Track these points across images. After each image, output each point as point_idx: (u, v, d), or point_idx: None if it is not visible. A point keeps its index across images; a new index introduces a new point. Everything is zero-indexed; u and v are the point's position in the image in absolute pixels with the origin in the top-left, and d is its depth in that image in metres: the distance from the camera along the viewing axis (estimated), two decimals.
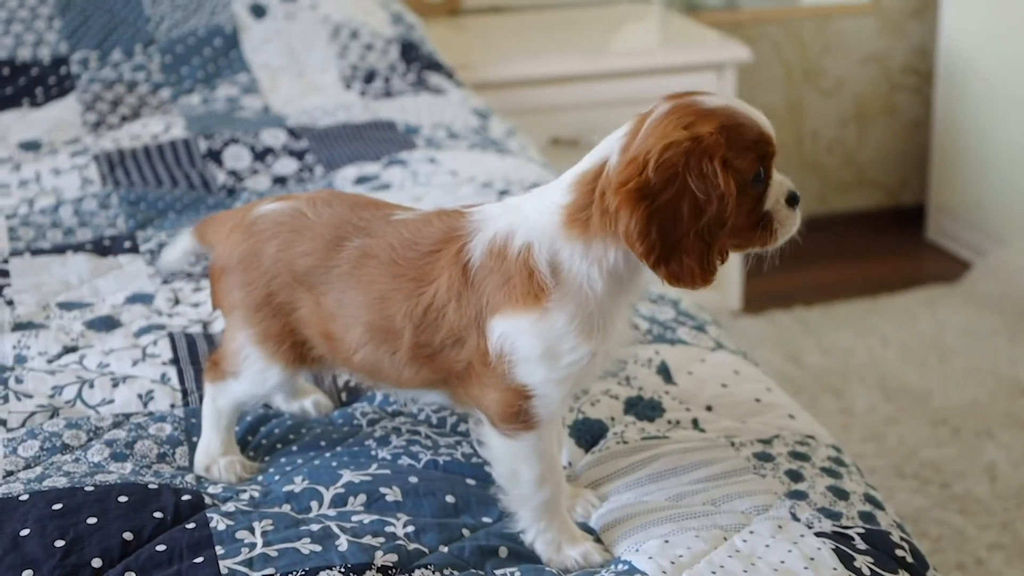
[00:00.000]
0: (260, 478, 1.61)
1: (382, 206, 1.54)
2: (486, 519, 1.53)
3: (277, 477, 1.60)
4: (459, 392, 1.48)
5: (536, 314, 1.39)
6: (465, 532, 1.50)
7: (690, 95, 1.41)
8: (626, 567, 1.44)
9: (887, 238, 4.39)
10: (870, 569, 1.44)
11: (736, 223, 1.39)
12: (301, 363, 1.56)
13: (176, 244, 1.70)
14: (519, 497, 1.47)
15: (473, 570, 1.43)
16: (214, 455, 1.61)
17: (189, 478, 1.59)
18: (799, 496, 1.56)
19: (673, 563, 1.43)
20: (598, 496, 1.57)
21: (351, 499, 1.53)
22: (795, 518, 1.52)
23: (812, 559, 1.43)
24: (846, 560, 1.44)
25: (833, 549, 1.45)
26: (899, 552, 1.50)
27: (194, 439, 1.67)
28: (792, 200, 1.44)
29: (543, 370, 1.40)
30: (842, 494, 1.58)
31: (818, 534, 1.48)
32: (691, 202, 1.34)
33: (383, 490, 1.54)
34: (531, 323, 1.39)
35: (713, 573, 1.41)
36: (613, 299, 1.41)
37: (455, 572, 1.42)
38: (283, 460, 1.64)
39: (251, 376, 1.57)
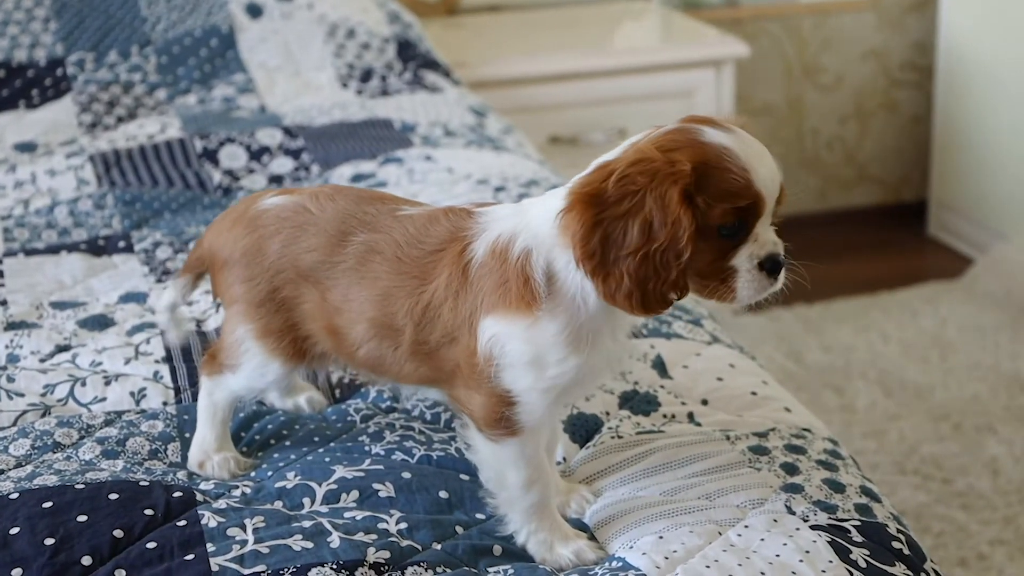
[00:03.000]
0: (252, 474, 1.60)
1: (388, 200, 1.53)
2: (480, 515, 1.52)
3: (270, 473, 1.59)
4: (448, 391, 1.48)
5: (527, 320, 1.37)
6: (459, 529, 1.49)
7: (705, 121, 1.37)
8: (620, 563, 1.43)
9: (888, 234, 4.38)
10: (866, 562, 1.42)
11: (693, 263, 1.34)
12: (301, 359, 1.55)
13: (163, 299, 1.68)
14: (507, 500, 1.46)
15: (466, 568, 1.42)
16: (208, 451, 1.60)
17: (181, 475, 1.58)
18: (795, 489, 1.55)
19: (667, 558, 1.41)
20: (592, 491, 1.56)
21: (344, 495, 1.52)
22: (790, 511, 1.50)
23: (807, 552, 1.42)
24: (842, 553, 1.43)
25: (829, 542, 1.44)
26: (896, 544, 1.48)
27: (187, 435, 1.66)
28: (769, 266, 1.37)
29: (528, 378, 1.39)
30: (838, 487, 1.57)
31: (813, 527, 1.47)
32: (643, 223, 1.31)
33: (376, 486, 1.53)
34: (522, 329, 1.37)
35: (707, 567, 1.40)
36: (605, 314, 1.39)
37: (448, 570, 1.41)
38: (276, 456, 1.63)
39: (250, 370, 1.55)
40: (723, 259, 1.36)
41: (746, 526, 1.47)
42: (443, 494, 1.53)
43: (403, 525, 1.47)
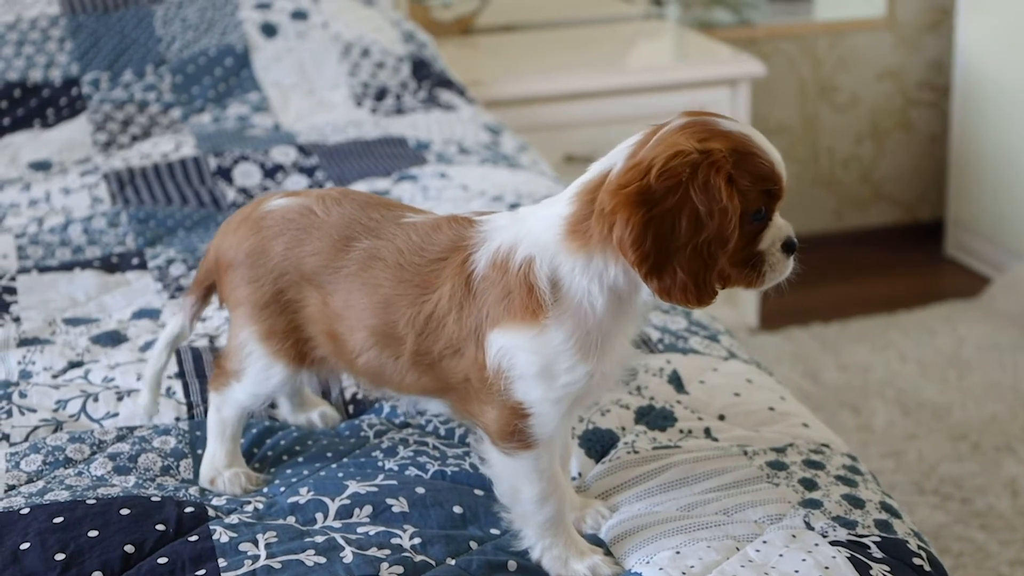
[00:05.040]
0: (265, 490, 1.58)
1: (393, 207, 1.52)
2: (494, 531, 1.50)
3: (282, 488, 1.57)
4: (458, 406, 1.46)
5: (534, 330, 1.35)
6: (473, 544, 1.47)
7: (709, 114, 1.37)
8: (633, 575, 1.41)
9: (905, 254, 4.36)
10: None
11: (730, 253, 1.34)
12: (302, 362, 1.53)
13: (170, 326, 1.64)
14: (522, 515, 1.44)
15: None
16: (219, 467, 1.59)
17: (193, 490, 1.57)
18: (813, 505, 1.53)
19: (684, 573, 1.40)
20: (608, 507, 1.54)
21: (357, 510, 1.51)
22: (809, 527, 1.48)
23: (827, 568, 1.40)
24: (862, 569, 1.41)
25: (848, 558, 1.42)
26: (916, 561, 1.46)
27: (199, 451, 1.65)
28: (788, 247, 1.38)
29: (540, 388, 1.37)
30: (857, 503, 1.55)
31: (833, 543, 1.45)
32: (691, 215, 1.29)
33: (389, 501, 1.52)
34: (529, 339, 1.36)
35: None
36: (613, 318, 1.37)
37: None
38: (288, 471, 1.61)
39: (254, 374, 1.54)
40: (753, 244, 1.36)
41: (764, 541, 1.46)
42: (457, 509, 1.51)
43: (417, 540, 1.45)
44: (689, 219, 1.30)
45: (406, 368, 1.45)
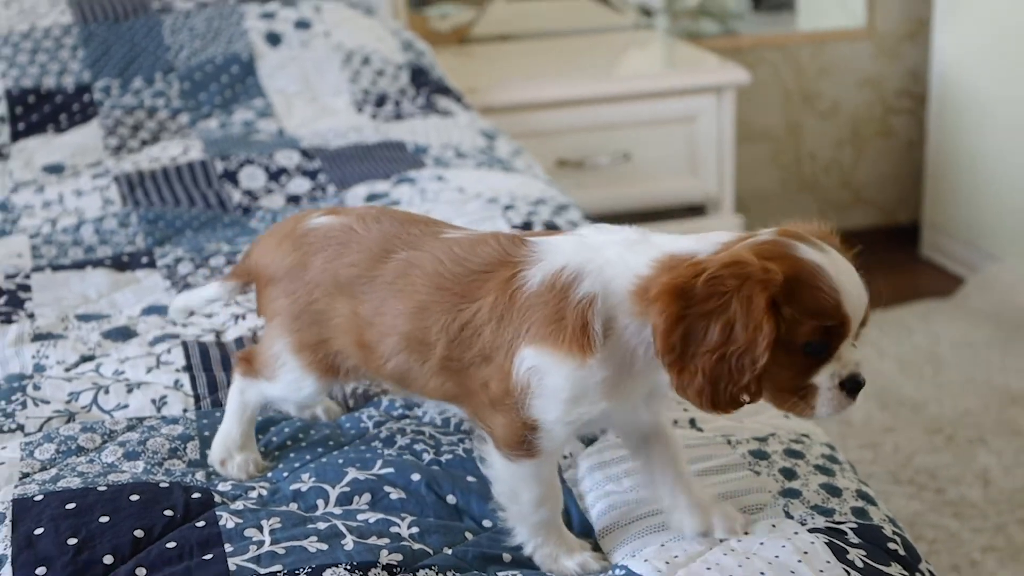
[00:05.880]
0: (269, 475, 1.59)
1: (432, 224, 1.49)
2: (487, 522, 1.50)
3: (285, 475, 1.58)
4: (470, 410, 1.44)
5: (576, 363, 1.32)
6: (468, 535, 1.47)
7: (798, 236, 1.31)
8: (623, 572, 1.41)
9: (883, 255, 4.36)
10: (863, 562, 1.41)
11: (773, 376, 1.29)
12: (335, 375, 1.51)
13: (200, 292, 1.66)
14: (517, 514, 1.43)
15: (476, 572, 1.41)
16: (231, 448, 1.58)
17: (199, 475, 1.57)
18: (793, 494, 1.53)
19: (668, 563, 1.40)
20: (738, 511, 1.48)
21: (356, 498, 1.52)
22: (788, 516, 1.49)
23: (806, 552, 1.41)
24: (839, 553, 1.41)
25: (827, 543, 1.43)
26: (891, 546, 1.47)
27: (206, 434, 1.65)
28: (850, 386, 1.31)
29: (558, 411, 1.35)
30: (835, 491, 1.56)
31: (811, 530, 1.45)
32: (725, 324, 1.25)
33: (387, 489, 1.52)
34: (569, 369, 1.32)
35: (708, 570, 1.39)
36: (645, 375, 1.35)
37: (458, 574, 1.40)
38: (291, 456, 1.62)
39: (286, 384, 1.53)
40: (804, 375, 1.30)
41: (746, 532, 1.46)
42: (451, 499, 1.52)
43: (415, 529, 1.46)
44: (722, 327, 1.25)
45: (431, 373, 1.42)
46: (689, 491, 1.46)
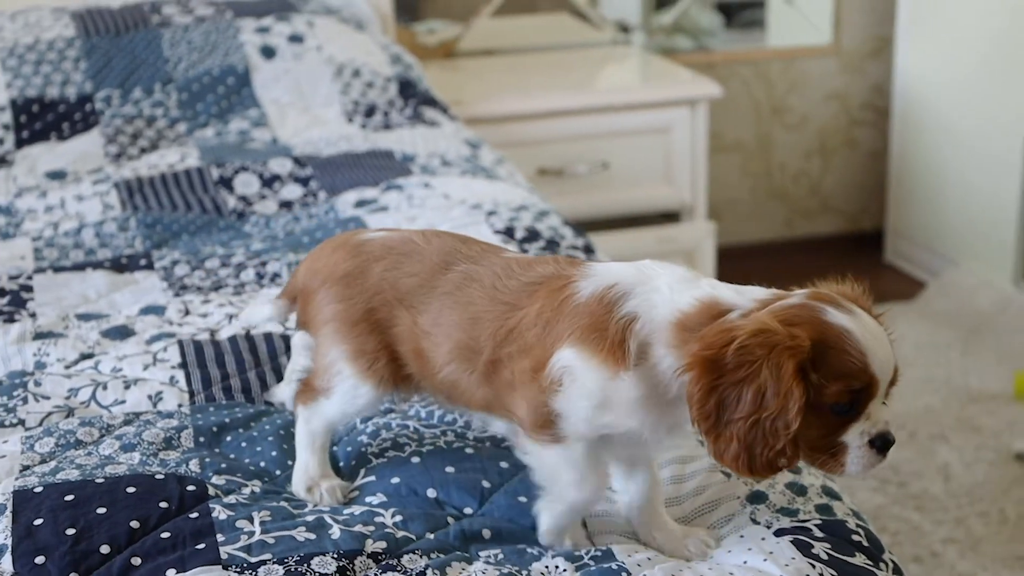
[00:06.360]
0: (264, 476, 1.57)
1: (492, 246, 1.46)
2: (468, 509, 1.49)
3: (277, 472, 1.57)
4: (498, 404, 1.39)
5: (608, 374, 1.30)
6: (450, 520, 1.46)
7: (828, 300, 1.28)
8: (605, 552, 1.40)
9: (848, 260, 4.36)
10: (828, 554, 1.39)
11: (803, 436, 1.26)
12: (392, 382, 1.46)
13: (259, 310, 1.61)
14: (559, 495, 1.40)
15: (459, 552, 1.40)
16: (314, 477, 1.51)
17: (193, 465, 1.55)
18: (759, 499, 1.51)
19: (649, 559, 1.39)
20: (712, 536, 1.46)
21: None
22: (755, 522, 1.47)
23: (771, 552, 1.39)
24: (804, 548, 1.39)
25: (792, 541, 1.41)
26: (855, 538, 1.45)
27: (199, 423, 1.64)
28: (879, 444, 1.29)
29: (583, 411, 1.32)
30: (800, 489, 1.53)
31: (777, 532, 1.43)
32: (756, 391, 1.23)
33: (370, 479, 1.51)
34: (601, 378, 1.30)
35: (682, 571, 1.37)
36: (676, 408, 1.31)
37: (441, 555, 1.39)
38: (284, 457, 1.60)
39: (342, 393, 1.47)
40: (834, 434, 1.28)
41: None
42: (431, 492, 1.51)
43: (398, 518, 1.45)
44: (754, 394, 1.23)
45: (477, 383, 1.39)
46: (664, 520, 1.45)
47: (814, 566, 1.36)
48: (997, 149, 3.80)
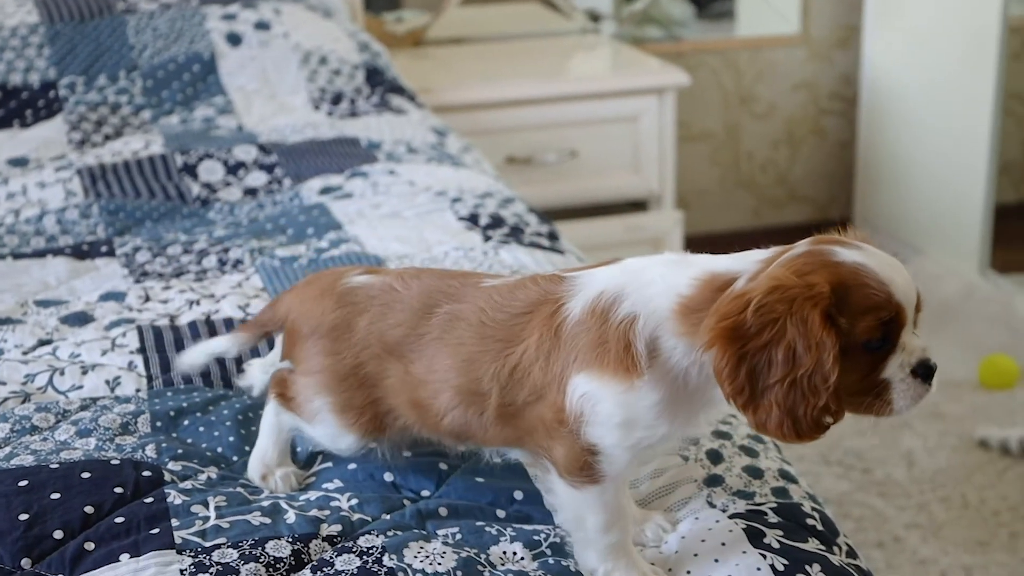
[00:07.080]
0: (221, 463, 1.56)
1: (471, 275, 1.42)
2: (425, 492, 1.49)
3: (235, 458, 1.56)
4: (530, 443, 1.34)
5: (624, 386, 1.24)
6: (406, 503, 1.46)
7: (832, 241, 1.24)
8: (561, 540, 1.39)
9: None
10: (780, 543, 1.38)
11: (843, 383, 1.20)
12: (380, 433, 1.43)
13: (213, 343, 1.55)
14: (584, 540, 1.35)
15: (416, 530, 1.39)
16: (270, 465, 1.50)
17: (149, 450, 1.54)
18: (716, 482, 1.50)
19: None
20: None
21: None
22: (711, 506, 1.46)
23: (723, 544, 1.37)
24: (756, 539, 1.38)
25: (744, 529, 1.39)
26: (810, 521, 1.45)
27: (156, 408, 1.63)
28: (922, 372, 1.23)
29: (616, 437, 1.26)
30: (757, 473, 1.53)
31: (732, 516, 1.42)
32: (787, 350, 1.17)
33: (327, 465, 1.51)
34: (617, 393, 1.25)
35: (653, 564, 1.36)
36: (702, 394, 1.27)
37: (399, 533, 1.38)
38: (241, 443, 1.60)
39: (323, 435, 1.45)
40: (874, 373, 1.22)
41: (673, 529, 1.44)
42: (388, 476, 1.50)
43: (354, 502, 1.44)
44: (785, 354, 1.17)
45: (490, 422, 1.34)
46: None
47: (765, 556, 1.35)
48: (963, 139, 3.82)
